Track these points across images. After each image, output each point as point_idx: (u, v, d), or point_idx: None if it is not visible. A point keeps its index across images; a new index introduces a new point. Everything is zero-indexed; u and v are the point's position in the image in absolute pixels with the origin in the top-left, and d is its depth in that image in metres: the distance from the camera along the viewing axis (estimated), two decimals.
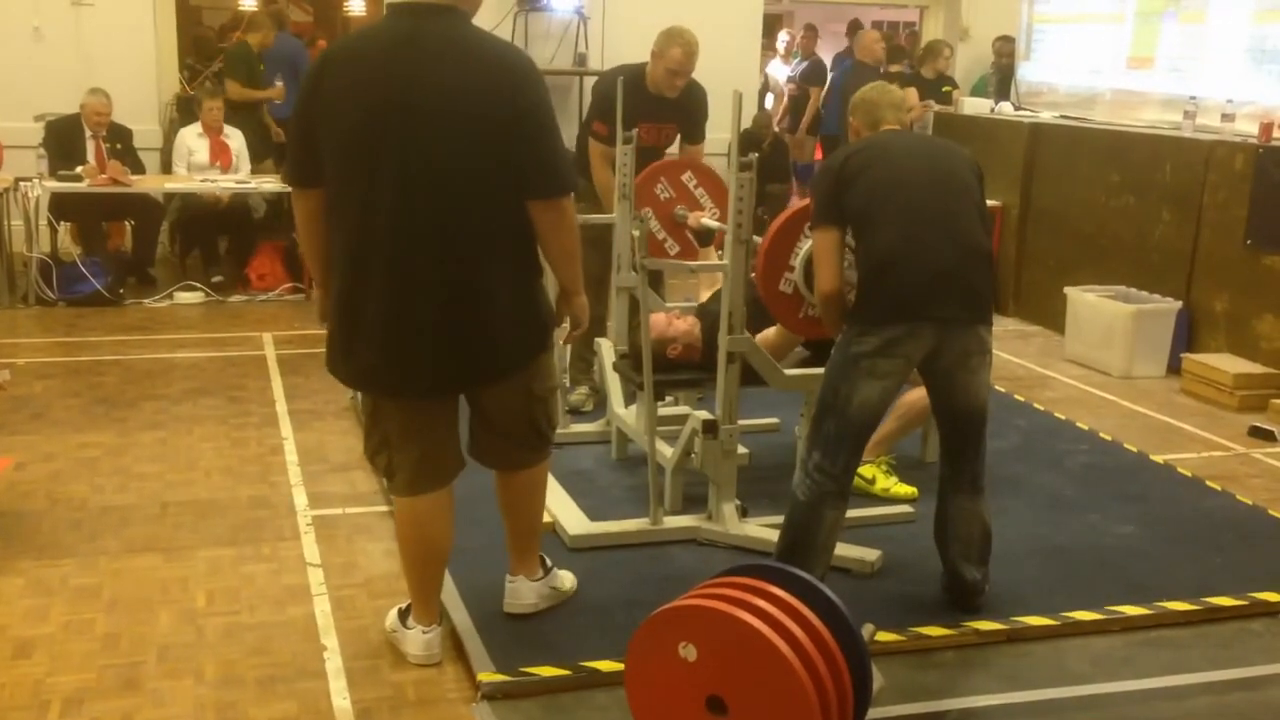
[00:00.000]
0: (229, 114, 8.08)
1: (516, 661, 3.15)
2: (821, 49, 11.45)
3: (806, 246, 3.87)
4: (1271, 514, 4.43)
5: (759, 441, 4.78)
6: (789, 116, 10.98)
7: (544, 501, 3.46)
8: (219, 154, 8.00)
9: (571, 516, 4.06)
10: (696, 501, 4.11)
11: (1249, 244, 6.09)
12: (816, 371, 3.76)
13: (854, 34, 11.00)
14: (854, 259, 3.43)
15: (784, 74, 11.23)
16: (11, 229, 7.43)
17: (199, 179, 7.78)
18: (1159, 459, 5.01)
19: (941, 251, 3.30)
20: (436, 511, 3.15)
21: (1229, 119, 6.59)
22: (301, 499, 4.34)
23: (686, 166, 5.06)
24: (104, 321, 6.91)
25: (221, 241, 8.08)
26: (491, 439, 3.20)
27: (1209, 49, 7.05)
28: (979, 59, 10.05)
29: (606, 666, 3.11)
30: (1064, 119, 7.96)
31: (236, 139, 8.11)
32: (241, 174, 8.02)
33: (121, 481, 4.47)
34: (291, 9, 13.12)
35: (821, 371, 3.51)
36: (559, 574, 3.53)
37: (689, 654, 2.54)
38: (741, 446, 4.07)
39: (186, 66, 9.52)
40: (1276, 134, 6.12)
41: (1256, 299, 6.09)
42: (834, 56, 11.24)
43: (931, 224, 3.32)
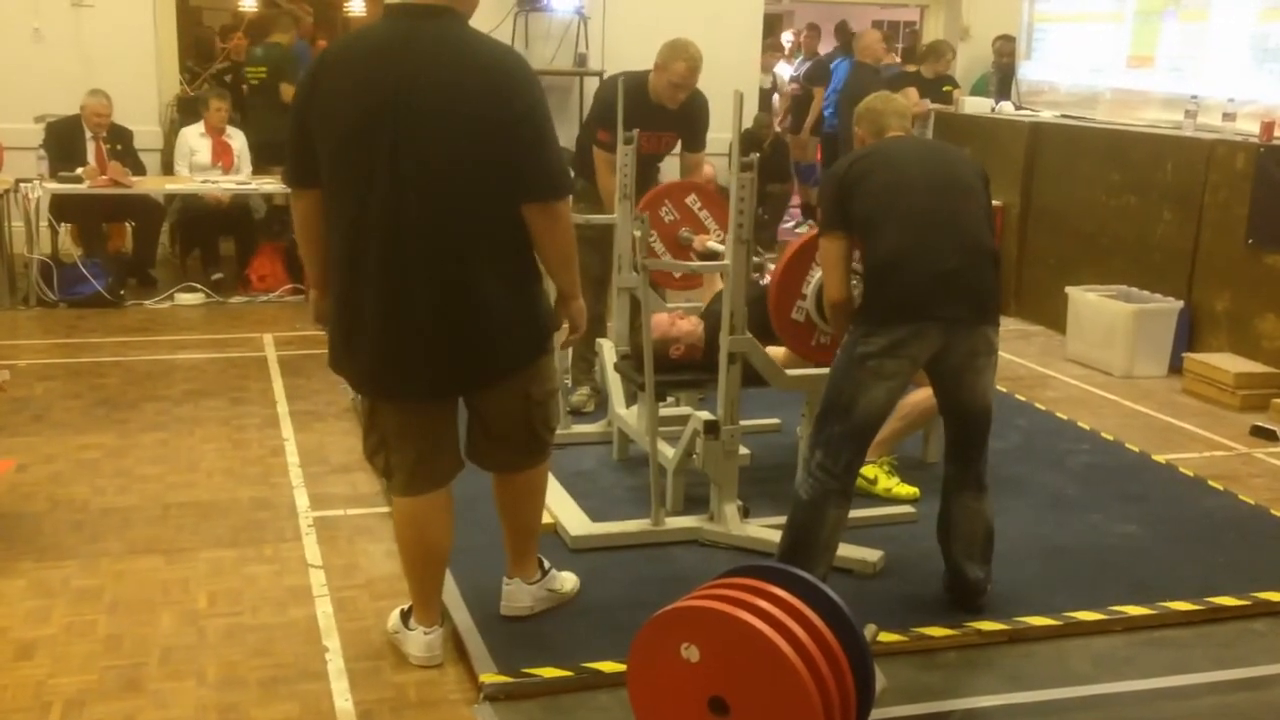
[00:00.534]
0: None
1: (518, 662, 3.15)
2: (824, 48, 11.45)
3: (818, 276, 3.87)
4: (1274, 513, 4.42)
5: (760, 442, 4.77)
6: (791, 116, 10.98)
7: (542, 504, 3.45)
8: (221, 154, 8.00)
9: (573, 517, 4.06)
10: (698, 502, 4.11)
11: (1250, 243, 6.09)
12: (818, 372, 3.77)
13: (842, 34, 11.00)
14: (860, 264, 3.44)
15: (789, 74, 11.23)
16: (12, 230, 7.43)
17: (200, 179, 7.78)
18: (1161, 459, 5.01)
19: (946, 252, 3.30)
20: (434, 512, 3.15)
21: (1230, 118, 6.59)
22: (303, 500, 4.34)
23: (691, 189, 5.05)
24: (105, 323, 6.90)
25: (223, 242, 8.07)
26: (489, 443, 3.19)
27: (1210, 48, 7.05)
28: (979, 58, 10.04)
29: (609, 667, 3.11)
30: (1065, 118, 7.95)
31: (238, 139, 8.11)
32: (243, 175, 8.02)
33: (123, 483, 4.47)
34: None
35: (823, 372, 3.52)
36: (558, 576, 3.52)
37: (691, 655, 2.54)
38: (743, 447, 4.07)
39: (186, 69, 9.52)
40: (1278, 133, 6.11)
41: (1258, 298, 6.09)
42: (824, 56, 11.20)
43: (936, 226, 3.33)
